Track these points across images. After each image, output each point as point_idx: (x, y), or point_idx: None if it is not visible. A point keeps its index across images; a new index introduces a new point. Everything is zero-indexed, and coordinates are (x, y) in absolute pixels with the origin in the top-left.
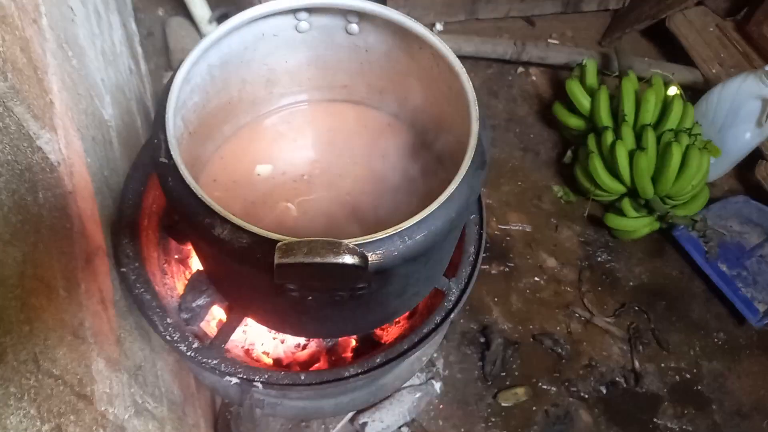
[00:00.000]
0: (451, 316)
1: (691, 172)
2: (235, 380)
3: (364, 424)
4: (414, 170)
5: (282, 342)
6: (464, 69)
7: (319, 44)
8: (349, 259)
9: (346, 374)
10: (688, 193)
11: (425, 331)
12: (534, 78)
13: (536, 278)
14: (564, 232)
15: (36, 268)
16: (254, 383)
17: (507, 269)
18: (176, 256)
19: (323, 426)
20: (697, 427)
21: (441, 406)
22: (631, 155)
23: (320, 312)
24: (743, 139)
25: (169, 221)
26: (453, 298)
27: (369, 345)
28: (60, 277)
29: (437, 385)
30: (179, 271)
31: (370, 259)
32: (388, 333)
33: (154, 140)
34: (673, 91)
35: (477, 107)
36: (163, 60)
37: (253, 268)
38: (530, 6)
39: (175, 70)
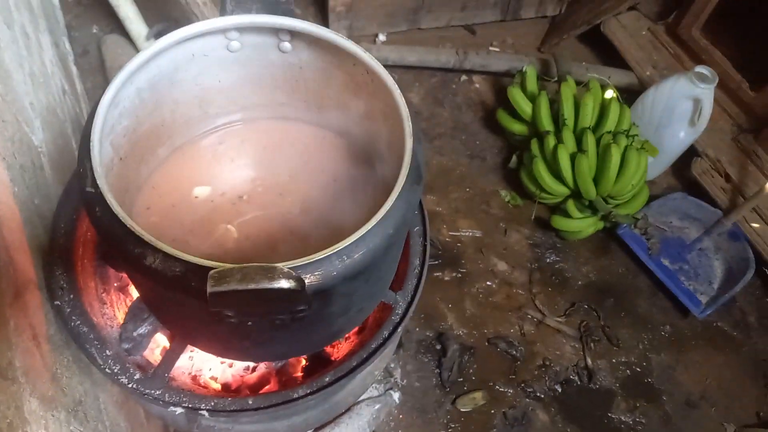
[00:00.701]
0: (399, 329)
1: (630, 171)
2: (179, 410)
3: None
4: (355, 186)
5: (230, 366)
6: (397, 86)
7: (252, 63)
8: (285, 284)
9: (296, 396)
10: (628, 192)
11: (374, 346)
12: (477, 85)
13: (488, 282)
14: (513, 235)
15: None
16: (200, 411)
17: (459, 275)
18: (115, 284)
19: None
20: (649, 419)
21: (401, 416)
22: (573, 158)
23: (262, 336)
24: (678, 137)
25: (105, 249)
26: (400, 312)
27: (319, 363)
28: None
29: (396, 395)
30: (119, 299)
31: (308, 280)
32: (338, 350)
33: (80, 169)
34: (610, 94)
35: (410, 123)
36: (100, 78)
37: (189, 296)
38: (471, 15)
39: (99, 96)
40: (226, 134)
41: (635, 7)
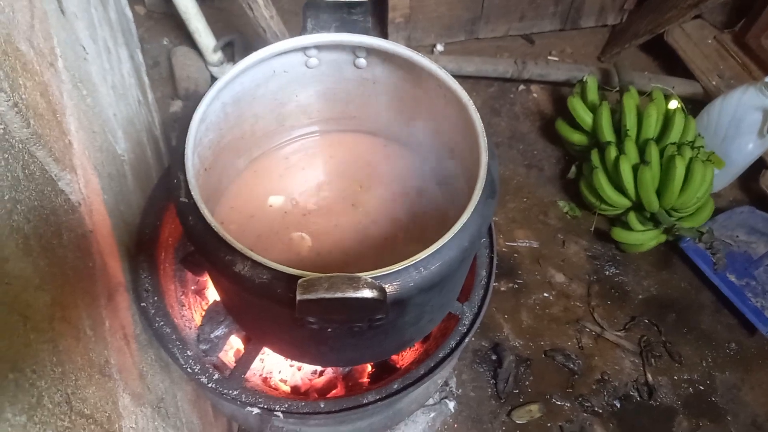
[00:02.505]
0: (466, 340)
1: (695, 184)
2: (256, 410)
3: None
4: (425, 197)
5: (299, 369)
6: (471, 101)
7: (328, 78)
8: (368, 293)
9: (365, 401)
10: (693, 205)
11: (441, 355)
12: (535, 95)
13: (545, 294)
14: (571, 247)
15: (64, 310)
16: (275, 413)
17: (516, 286)
18: (192, 288)
19: None
20: None
21: (456, 426)
22: (635, 169)
23: (338, 342)
24: (746, 150)
25: (184, 253)
26: (467, 322)
27: (384, 370)
28: (85, 316)
29: (451, 405)
30: (196, 302)
31: (387, 290)
32: (404, 357)
33: (173, 180)
34: (674, 104)
35: (485, 139)
36: (168, 89)
37: (274, 303)
38: (529, 24)
39: (191, 110)
40: (301, 146)
41: (700, 15)
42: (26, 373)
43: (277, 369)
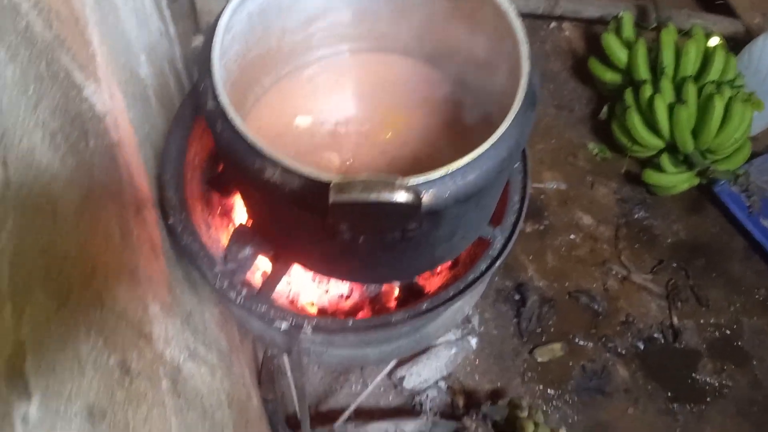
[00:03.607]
0: (497, 263)
1: (733, 124)
2: (285, 325)
3: (402, 378)
4: (456, 118)
5: (326, 292)
6: (513, 6)
7: None
8: (404, 197)
9: (393, 320)
10: (729, 146)
11: (471, 278)
12: (567, 33)
13: (572, 236)
14: (600, 189)
15: (92, 211)
16: (304, 329)
17: (542, 227)
18: (220, 210)
19: (361, 380)
20: (737, 383)
21: (477, 362)
22: (671, 109)
23: (370, 255)
24: None
25: (211, 175)
26: (498, 246)
27: (411, 294)
28: (114, 222)
29: (473, 341)
30: (222, 224)
31: (422, 199)
32: (431, 283)
33: (200, 87)
34: (714, 41)
35: (527, 46)
36: (190, 23)
37: (305, 211)
38: None
39: (216, 18)
40: (329, 65)
41: None
42: (56, 259)
43: (305, 292)
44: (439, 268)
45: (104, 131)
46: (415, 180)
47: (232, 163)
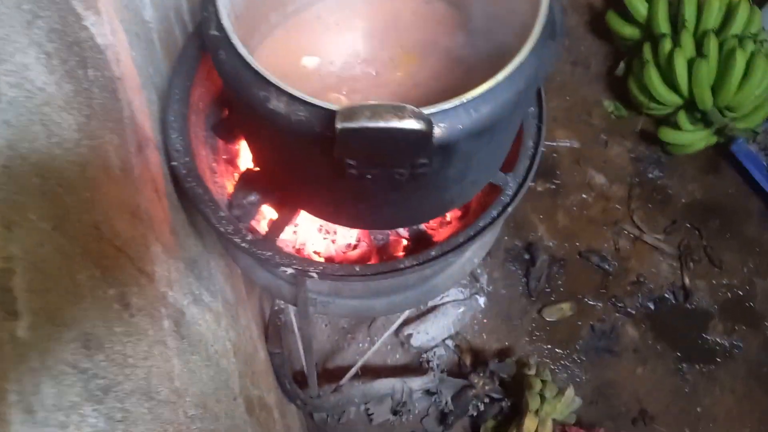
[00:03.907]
0: (508, 209)
1: (755, 80)
2: (290, 270)
3: (410, 335)
4: (472, 60)
5: (333, 242)
6: None
7: None
8: (413, 124)
9: (402, 266)
10: (749, 103)
11: (481, 225)
12: None
13: (584, 195)
14: (614, 148)
15: (91, 140)
16: (310, 273)
17: (553, 186)
18: (224, 157)
19: (369, 338)
20: (748, 343)
21: (485, 321)
22: (690, 64)
23: (378, 197)
24: None
25: (216, 120)
26: (510, 192)
27: (420, 244)
28: (114, 156)
29: (481, 300)
30: (228, 171)
31: (434, 130)
32: (440, 234)
33: (204, 13)
34: None
35: None
36: None
37: (312, 144)
38: None
39: None
40: (339, 2)
41: None
42: (51, 180)
43: (311, 241)
44: (449, 217)
45: (105, 64)
46: (427, 110)
47: (236, 94)
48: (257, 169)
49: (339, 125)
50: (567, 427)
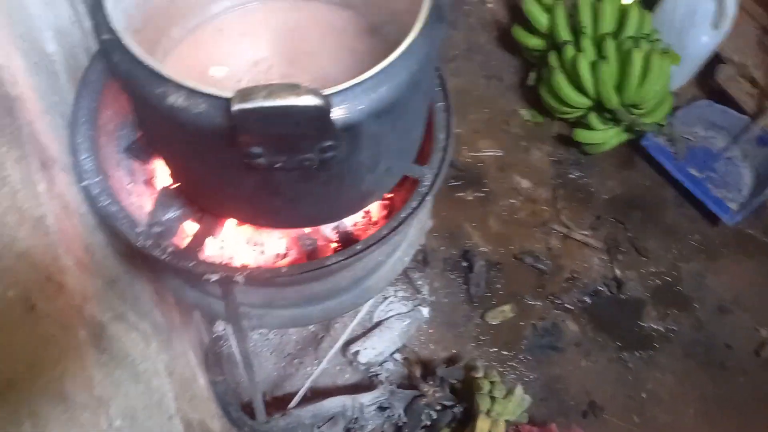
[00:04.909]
0: (427, 198)
1: (653, 76)
2: (215, 277)
3: (357, 352)
4: (375, 58)
5: (262, 253)
6: None
7: None
8: (311, 100)
9: (328, 263)
10: (652, 99)
11: (402, 215)
12: (490, 5)
13: (512, 200)
14: (535, 153)
15: None
16: (234, 279)
17: (482, 194)
18: (142, 178)
19: (316, 360)
20: (681, 326)
21: (431, 331)
22: (594, 67)
23: (293, 189)
24: (701, 42)
25: (129, 141)
26: (428, 183)
27: (348, 246)
28: (13, 168)
29: (425, 311)
30: (146, 191)
31: (335, 113)
32: (367, 234)
33: (94, 21)
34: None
35: None
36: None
37: (216, 135)
38: None
39: None
40: (240, 14)
41: None
42: None
43: (239, 254)
44: (375, 218)
45: None
46: (325, 92)
47: (134, 96)
48: (176, 185)
49: (235, 107)
50: (520, 426)
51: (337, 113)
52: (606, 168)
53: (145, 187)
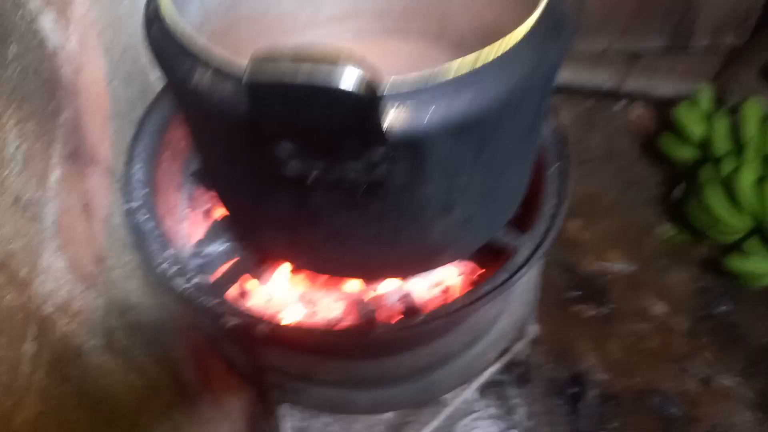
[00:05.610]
0: (523, 274)
1: None
2: (233, 321)
3: None
4: None
5: (313, 314)
6: None
7: None
8: (350, 82)
9: (375, 331)
10: None
11: (483, 290)
12: (637, 113)
13: (641, 325)
14: (674, 276)
15: None
16: (258, 327)
17: (605, 312)
18: (204, 208)
19: None
20: None
21: None
22: (758, 185)
23: (336, 217)
24: None
25: (197, 165)
26: (526, 254)
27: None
28: (13, 136)
29: None
30: (204, 222)
31: (391, 115)
32: None
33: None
34: None
35: None
36: None
37: (238, 126)
38: (633, 39)
39: None
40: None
41: None
42: None
43: (288, 311)
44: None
45: (47, 59)
46: (380, 79)
47: (162, 69)
48: (225, 214)
49: (247, 74)
50: None
51: (394, 116)
52: (764, 306)
53: (203, 217)
